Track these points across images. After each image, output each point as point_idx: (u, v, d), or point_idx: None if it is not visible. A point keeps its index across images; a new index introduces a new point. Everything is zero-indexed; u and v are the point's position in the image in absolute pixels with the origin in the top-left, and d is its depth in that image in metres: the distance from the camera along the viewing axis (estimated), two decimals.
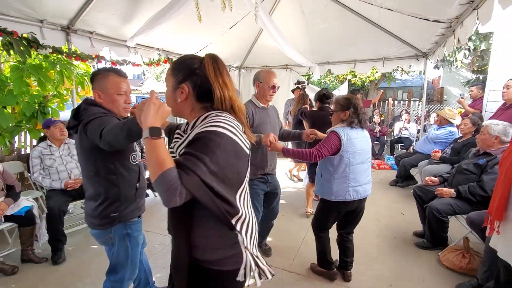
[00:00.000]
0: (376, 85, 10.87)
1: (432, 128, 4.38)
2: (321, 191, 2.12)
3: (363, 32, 4.58)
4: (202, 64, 0.97)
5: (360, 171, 2.02)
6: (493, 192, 1.50)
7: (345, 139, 1.94)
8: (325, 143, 1.96)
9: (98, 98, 1.46)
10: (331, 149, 1.95)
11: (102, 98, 1.47)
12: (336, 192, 2.00)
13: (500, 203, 1.37)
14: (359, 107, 1.99)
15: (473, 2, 2.61)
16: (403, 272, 2.38)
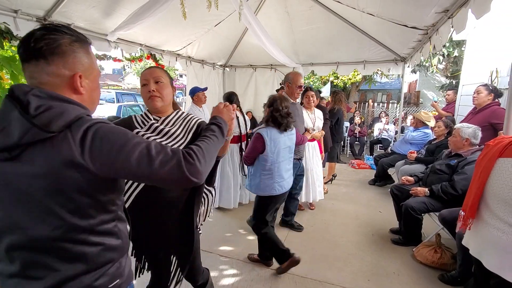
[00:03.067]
0: (357, 87, 11.18)
1: (408, 130, 4.58)
2: (249, 186, 2.32)
3: (346, 35, 4.70)
4: None
5: (284, 167, 2.22)
6: (468, 191, 1.59)
7: (268, 139, 2.09)
8: (250, 147, 2.17)
9: (80, 87, 0.82)
10: (256, 150, 2.14)
11: (85, 86, 0.84)
12: (264, 188, 2.20)
13: (473, 201, 1.47)
14: (280, 109, 2.13)
15: (448, 11, 2.75)
16: (380, 267, 2.49)
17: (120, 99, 12.27)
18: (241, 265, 2.49)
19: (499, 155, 1.36)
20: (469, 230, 1.53)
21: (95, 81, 0.88)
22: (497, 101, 2.89)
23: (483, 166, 1.42)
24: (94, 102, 0.90)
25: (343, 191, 4.52)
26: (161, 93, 1.30)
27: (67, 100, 0.77)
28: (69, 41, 0.78)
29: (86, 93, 0.83)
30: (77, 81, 0.80)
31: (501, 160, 1.34)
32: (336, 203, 3.98)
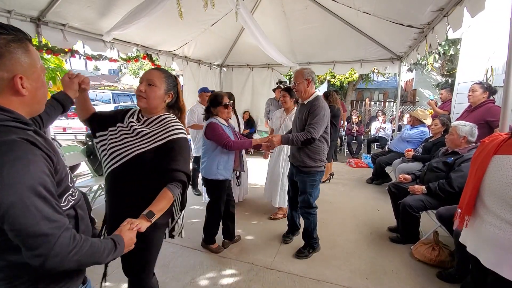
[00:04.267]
0: (354, 86, 11.22)
1: (405, 128, 4.60)
2: (203, 171, 2.52)
3: (342, 34, 4.72)
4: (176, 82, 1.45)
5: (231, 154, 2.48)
6: (464, 188, 1.60)
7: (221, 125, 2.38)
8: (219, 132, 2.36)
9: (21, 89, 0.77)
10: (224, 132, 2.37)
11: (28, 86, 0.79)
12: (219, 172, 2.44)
13: (470, 199, 1.47)
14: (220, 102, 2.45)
15: (443, 10, 2.76)
16: (379, 265, 2.49)
17: (117, 100, 12.21)
18: (240, 265, 2.48)
19: (495, 152, 1.36)
20: (466, 227, 1.53)
21: (39, 79, 0.82)
22: (492, 99, 2.91)
23: (479, 164, 1.43)
24: (40, 102, 0.86)
25: (341, 189, 4.53)
26: (148, 95, 1.32)
27: None
28: (4, 42, 0.73)
29: (30, 94, 0.79)
30: (18, 83, 0.75)
31: (497, 157, 1.35)
32: (334, 201, 3.99)
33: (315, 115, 2.26)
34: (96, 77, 25.08)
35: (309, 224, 2.59)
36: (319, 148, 2.39)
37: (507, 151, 1.31)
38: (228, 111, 2.48)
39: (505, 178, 1.29)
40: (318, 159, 2.41)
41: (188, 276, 2.32)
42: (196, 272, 2.38)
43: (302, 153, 2.41)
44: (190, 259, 2.57)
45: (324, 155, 2.45)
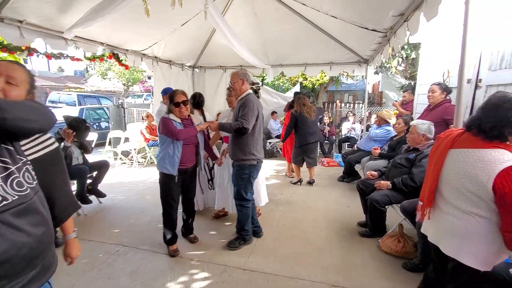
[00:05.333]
0: (325, 88, 11.58)
1: (372, 128, 4.81)
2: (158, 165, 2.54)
3: (313, 37, 4.84)
4: None
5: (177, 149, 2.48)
6: (424, 182, 1.69)
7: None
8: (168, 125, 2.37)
9: None
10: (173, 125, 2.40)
11: None
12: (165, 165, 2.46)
13: (430, 191, 1.56)
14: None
15: (403, 15, 2.93)
16: (349, 260, 2.57)
17: (82, 102, 11.58)
18: (212, 267, 2.43)
19: (451, 146, 1.46)
20: (427, 219, 1.62)
21: None
22: (449, 99, 3.14)
23: (437, 158, 1.52)
24: None
25: (314, 188, 4.63)
26: (7, 95, 0.99)
27: None
28: None
29: None
30: None
31: (453, 151, 1.44)
32: (307, 200, 4.06)
33: (245, 107, 2.47)
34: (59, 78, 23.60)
35: (241, 216, 2.73)
36: (248, 140, 2.55)
37: (462, 145, 1.41)
38: (179, 109, 2.47)
39: (460, 170, 1.38)
40: (248, 151, 2.55)
41: (158, 282, 2.24)
42: (166, 277, 2.29)
43: (234, 146, 2.60)
44: (160, 264, 2.48)
45: (254, 149, 2.58)
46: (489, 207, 1.28)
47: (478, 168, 1.28)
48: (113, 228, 3.17)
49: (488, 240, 1.32)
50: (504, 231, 1.26)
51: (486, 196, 1.26)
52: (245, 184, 2.64)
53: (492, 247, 1.33)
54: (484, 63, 3.02)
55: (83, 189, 3.52)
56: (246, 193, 2.66)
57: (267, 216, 3.50)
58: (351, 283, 2.24)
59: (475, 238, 1.34)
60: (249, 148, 2.56)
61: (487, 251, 1.34)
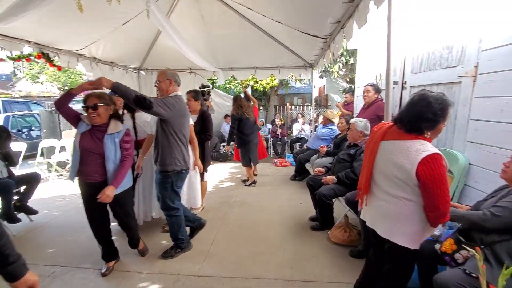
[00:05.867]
0: (276, 92, 11.96)
1: (319, 128, 5.12)
2: None
3: (260, 41, 4.97)
4: None
5: None
6: (361, 172, 1.84)
7: None
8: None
9: None
10: None
11: None
12: None
13: (366, 180, 1.71)
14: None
15: (340, 22, 3.19)
16: (302, 253, 2.68)
17: (8, 109, 10.08)
18: (164, 278, 2.31)
19: (382, 138, 1.63)
20: (365, 206, 1.77)
21: None
22: (381, 98, 3.50)
23: (370, 149, 1.68)
24: None
25: (268, 188, 4.73)
26: None
27: None
28: None
29: None
30: None
31: (384, 142, 1.61)
32: (261, 200, 4.13)
33: (165, 98, 2.32)
34: None
35: (172, 225, 2.59)
36: (172, 146, 2.39)
37: (391, 137, 1.57)
38: (88, 113, 2.11)
39: (390, 159, 1.54)
40: (173, 157, 2.39)
41: None
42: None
43: (158, 151, 2.42)
44: (104, 282, 2.28)
45: (180, 156, 2.42)
46: (414, 191, 1.45)
47: (403, 157, 1.44)
48: (47, 248, 2.82)
49: (415, 220, 1.49)
50: (427, 212, 1.44)
51: (411, 181, 1.43)
52: (169, 193, 2.48)
53: (419, 227, 1.51)
54: (407, 67, 3.44)
55: (9, 206, 3.06)
56: (172, 202, 2.51)
57: (222, 219, 3.47)
58: (304, 275, 2.33)
59: (404, 219, 1.51)
60: (174, 154, 2.40)
61: (414, 230, 1.51)
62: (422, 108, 1.42)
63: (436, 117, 1.42)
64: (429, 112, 1.41)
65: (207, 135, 3.43)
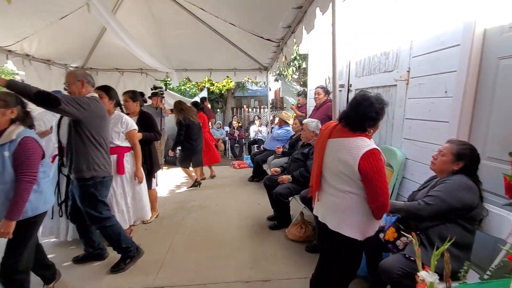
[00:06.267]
0: (232, 94, 11.98)
1: (275, 129, 5.25)
2: None
3: (215, 43, 4.93)
4: None
5: None
6: (312, 169, 1.93)
7: None
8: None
9: None
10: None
11: None
12: None
13: (317, 177, 1.79)
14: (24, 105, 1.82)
15: (290, 27, 3.31)
16: (260, 253, 2.70)
17: None
18: None
19: (329, 136, 1.73)
20: (317, 201, 1.86)
21: None
22: (330, 99, 3.73)
23: (319, 147, 1.78)
24: None
25: (226, 190, 4.69)
26: None
27: None
28: None
29: None
30: None
31: (330, 140, 1.71)
32: (220, 203, 4.08)
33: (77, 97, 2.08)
34: None
35: (109, 237, 2.37)
36: (90, 151, 2.15)
37: (337, 135, 1.67)
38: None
39: (336, 156, 1.63)
40: (91, 163, 2.16)
41: None
42: None
43: (74, 158, 2.14)
44: None
45: (99, 161, 2.20)
46: (358, 185, 1.57)
47: (347, 153, 1.55)
48: None
49: (360, 212, 1.61)
50: (370, 203, 1.57)
51: (355, 176, 1.54)
52: (93, 204, 2.23)
53: (364, 218, 1.62)
54: (352, 71, 3.72)
55: None
56: (100, 212, 2.26)
57: (178, 225, 3.34)
58: (263, 275, 2.36)
59: (351, 212, 1.61)
60: (92, 159, 2.15)
61: (360, 222, 1.62)
62: (366, 108, 1.53)
63: (378, 116, 1.55)
64: (372, 112, 1.53)
65: (155, 134, 3.14)
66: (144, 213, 2.98)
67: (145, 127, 3.05)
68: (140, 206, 2.92)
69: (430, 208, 1.58)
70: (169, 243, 2.91)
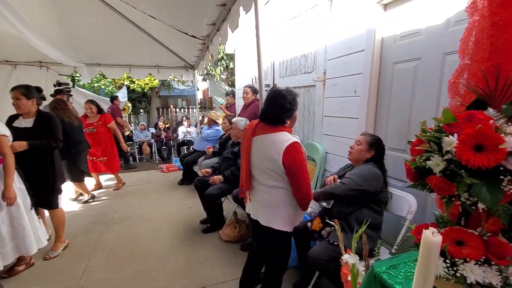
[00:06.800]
0: (157, 93, 11.21)
1: (204, 129, 5.12)
2: None
3: (134, 36, 4.49)
4: None
5: None
6: (241, 169, 1.92)
7: None
8: None
9: None
10: None
11: None
12: None
13: (246, 176, 1.79)
14: None
15: (215, 25, 3.25)
16: (194, 259, 2.57)
17: None
18: None
19: (253, 135, 1.75)
20: (249, 200, 1.86)
21: None
22: (258, 98, 3.82)
23: (245, 147, 1.79)
24: None
25: (154, 197, 4.35)
26: None
27: None
28: None
29: None
30: None
31: (255, 138, 1.74)
32: (147, 212, 3.74)
33: None
34: None
35: None
36: None
37: (260, 132, 1.71)
38: None
39: (261, 153, 1.66)
40: None
41: None
42: None
43: None
44: None
45: None
46: (284, 179, 1.63)
47: (271, 149, 1.60)
48: None
49: (287, 205, 1.68)
50: (294, 195, 1.65)
51: (280, 170, 1.60)
52: None
53: (291, 211, 1.70)
54: (276, 72, 3.90)
55: None
56: None
57: (96, 242, 2.92)
58: (197, 281, 2.25)
59: (279, 205, 1.68)
60: None
61: (288, 214, 1.70)
62: (281, 101, 1.62)
63: (292, 106, 1.65)
64: (286, 103, 1.62)
65: (56, 142, 2.53)
66: (27, 248, 2.27)
67: (43, 132, 2.48)
68: (21, 238, 2.23)
69: (344, 187, 1.75)
70: (84, 264, 2.51)
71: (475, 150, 0.74)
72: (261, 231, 1.77)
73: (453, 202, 0.85)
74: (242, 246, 2.72)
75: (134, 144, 7.38)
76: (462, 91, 1.19)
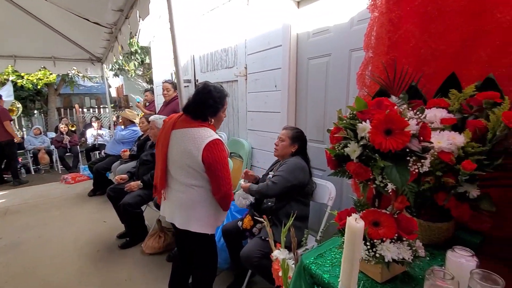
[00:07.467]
0: (56, 91, 9.47)
1: (117, 130, 4.53)
2: None
3: (20, 21, 3.62)
4: None
5: None
6: (155, 167, 1.72)
7: None
8: None
9: None
10: None
11: None
12: None
13: (162, 173, 1.61)
14: None
15: (123, 11, 2.86)
16: (111, 281, 2.22)
17: None
18: None
19: (172, 128, 1.59)
20: (164, 200, 1.67)
21: None
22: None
23: (162, 141, 1.61)
24: None
25: (56, 214, 3.62)
26: None
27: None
28: None
29: None
30: None
31: (174, 131, 1.58)
32: (45, 233, 3.08)
33: None
34: None
35: None
36: None
37: (181, 126, 1.55)
38: None
39: (180, 148, 1.51)
40: None
41: None
42: None
43: None
44: None
45: None
46: (203, 177, 1.52)
47: (191, 144, 1.47)
48: None
49: (206, 205, 1.57)
50: (214, 194, 1.55)
51: (200, 167, 1.48)
52: None
53: (211, 211, 1.59)
54: (197, 66, 3.71)
55: None
56: None
57: None
58: None
59: (197, 206, 1.54)
60: None
61: (208, 215, 1.58)
62: (204, 95, 1.53)
63: (216, 104, 1.55)
64: (210, 99, 1.52)
65: None
66: None
67: None
68: None
69: (276, 187, 1.75)
70: None
71: (385, 134, 0.78)
72: (181, 235, 1.61)
73: (369, 186, 0.88)
74: (169, 256, 2.48)
75: (26, 152, 6.06)
76: (368, 82, 1.30)
